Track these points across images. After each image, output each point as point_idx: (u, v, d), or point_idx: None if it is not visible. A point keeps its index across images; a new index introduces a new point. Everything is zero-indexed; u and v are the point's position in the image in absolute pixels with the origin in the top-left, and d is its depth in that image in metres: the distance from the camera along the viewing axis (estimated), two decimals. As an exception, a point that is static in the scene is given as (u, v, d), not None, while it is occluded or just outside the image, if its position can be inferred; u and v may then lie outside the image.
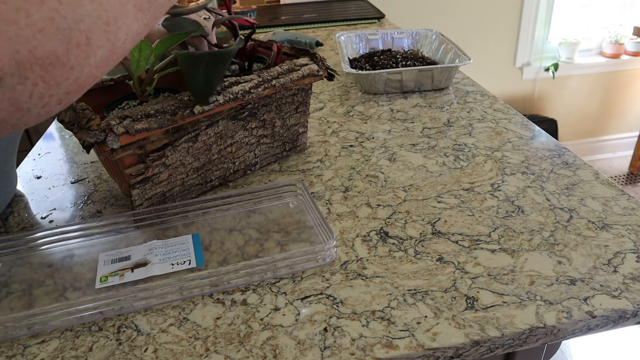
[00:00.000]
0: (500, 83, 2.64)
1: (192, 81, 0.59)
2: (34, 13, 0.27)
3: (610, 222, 0.61)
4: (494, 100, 0.98)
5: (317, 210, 0.61)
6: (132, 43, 0.34)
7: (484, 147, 0.80)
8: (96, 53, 0.31)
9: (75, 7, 0.29)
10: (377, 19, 1.69)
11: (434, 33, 1.20)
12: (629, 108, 2.85)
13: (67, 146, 0.91)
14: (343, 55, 1.11)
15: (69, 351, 0.48)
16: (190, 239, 0.61)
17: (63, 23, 0.28)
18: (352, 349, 0.46)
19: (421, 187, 0.70)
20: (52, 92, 0.30)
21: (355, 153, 0.81)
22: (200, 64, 0.59)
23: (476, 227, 0.62)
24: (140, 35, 0.35)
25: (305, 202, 0.65)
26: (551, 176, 0.72)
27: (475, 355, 0.48)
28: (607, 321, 0.49)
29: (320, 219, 0.60)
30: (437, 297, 0.51)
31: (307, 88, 0.76)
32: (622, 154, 2.93)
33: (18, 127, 0.31)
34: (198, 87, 0.59)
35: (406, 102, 0.99)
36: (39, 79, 0.28)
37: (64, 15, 0.28)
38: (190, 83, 0.59)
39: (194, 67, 0.59)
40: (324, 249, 0.55)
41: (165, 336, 0.49)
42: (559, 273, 0.54)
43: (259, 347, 0.47)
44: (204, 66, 0.59)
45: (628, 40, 2.62)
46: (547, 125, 2.69)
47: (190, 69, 0.59)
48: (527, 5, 2.44)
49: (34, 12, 0.27)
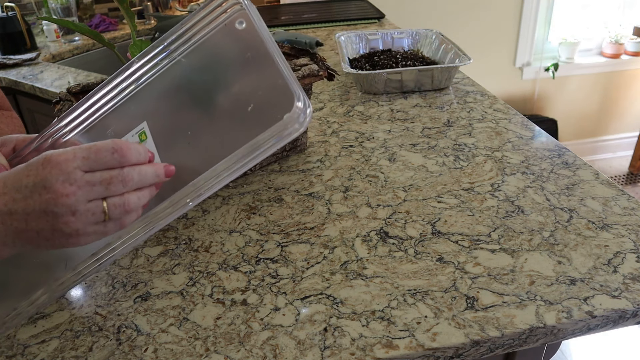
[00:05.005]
0: (500, 83, 2.64)
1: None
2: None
3: (610, 222, 0.61)
4: (494, 100, 0.98)
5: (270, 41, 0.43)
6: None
7: (484, 147, 0.80)
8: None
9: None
10: (377, 19, 1.69)
11: (434, 33, 1.20)
12: (629, 108, 2.84)
13: (67, 146, 0.91)
14: (343, 55, 1.11)
15: (69, 351, 0.48)
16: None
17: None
18: (352, 349, 0.46)
19: (421, 187, 0.70)
20: None
21: (355, 153, 0.81)
22: None
23: (476, 227, 0.62)
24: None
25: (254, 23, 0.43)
26: (551, 176, 0.72)
27: (475, 355, 0.48)
28: (607, 321, 0.49)
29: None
30: (437, 297, 0.51)
31: (307, 88, 0.76)
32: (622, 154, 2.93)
33: None
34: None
35: (406, 102, 0.99)
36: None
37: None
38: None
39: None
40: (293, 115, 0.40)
41: (165, 336, 0.49)
42: (559, 273, 0.54)
43: (259, 347, 0.47)
44: None
45: (628, 40, 2.62)
46: (547, 125, 2.69)
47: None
48: (527, 6, 2.44)
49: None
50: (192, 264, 0.58)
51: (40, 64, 1.52)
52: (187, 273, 0.57)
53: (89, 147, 0.39)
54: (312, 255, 0.58)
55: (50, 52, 1.65)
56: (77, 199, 0.38)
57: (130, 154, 0.40)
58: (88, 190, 0.38)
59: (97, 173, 0.39)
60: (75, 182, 0.37)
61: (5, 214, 0.38)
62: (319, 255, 0.58)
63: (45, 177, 0.37)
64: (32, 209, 0.37)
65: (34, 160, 0.38)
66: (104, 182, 0.39)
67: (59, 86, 1.33)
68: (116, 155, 0.39)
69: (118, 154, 0.39)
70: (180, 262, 0.58)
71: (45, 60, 1.59)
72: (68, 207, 0.37)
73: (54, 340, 0.49)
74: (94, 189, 0.38)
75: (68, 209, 0.37)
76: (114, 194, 0.39)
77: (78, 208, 0.38)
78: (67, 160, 0.38)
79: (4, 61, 1.51)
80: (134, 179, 0.40)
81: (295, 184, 0.73)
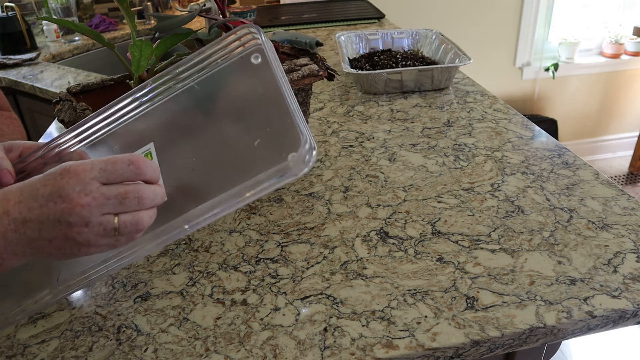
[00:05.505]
0: (500, 83, 2.64)
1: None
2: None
3: (610, 222, 0.61)
4: (494, 100, 0.98)
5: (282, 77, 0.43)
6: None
7: (484, 147, 0.80)
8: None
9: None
10: (377, 19, 1.69)
11: (434, 33, 1.20)
12: (629, 108, 2.84)
13: (67, 146, 0.91)
14: (343, 55, 1.11)
15: (69, 351, 0.48)
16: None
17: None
18: (352, 349, 0.46)
19: (421, 187, 0.70)
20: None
21: (355, 153, 0.81)
22: None
23: (476, 227, 0.62)
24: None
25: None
26: (551, 176, 0.72)
27: (475, 355, 0.48)
28: (607, 321, 0.49)
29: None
30: (437, 297, 0.51)
31: (307, 88, 0.76)
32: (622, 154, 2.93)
33: None
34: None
35: (406, 102, 0.99)
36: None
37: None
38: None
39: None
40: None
41: (165, 336, 0.49)
42: (559, 273, 0.54)
43: (259, 347, 0.47)
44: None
45: (628, 40, 2.62)
46: (547, 125, 2.69)
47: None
48: (527, 5, 2.44)
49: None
50: (192, 264, 0.58)
51: (40, 64, 1.52)
52: (187, 273, 0.57)
53: (106, 159, 0.39)
54: (312, 255, 0.58)
55: (50, 52, 1.65)
56: (91, 210, 0.38)
57: (146, 168, 0.40)
58: (103, 202, 0.38)
59: (113, 186, 0.39)
60: (91, 193, 0.38)
61: (19, 222, 0.38)
62: (319, 255, 0.58)
63: (62, 186, 0.38)
64: (47, 217, 0.38)
65: (52, 171, 0.39)
66: (119, 196, 0.39)
67: (59, 86, 1.33)
68: (132, 167, 0.39)
69: (134, 165, 0.39)
70: (180, 262, 0.58)
71: (45, 60, 1.59)
72: (82, 217, 0.38)
73: (54, 340, 0.49)
74: (109, 202, 0.38)
75: (82, 219, 0.38)
76: (128, 209, 0.39)
77: (91, 219, 0.38)
78: (85, 171, 0.38)
79: (4, 61, 1.51)
80: (149, 197, 0.40)
81: (295, 183, 0.73)
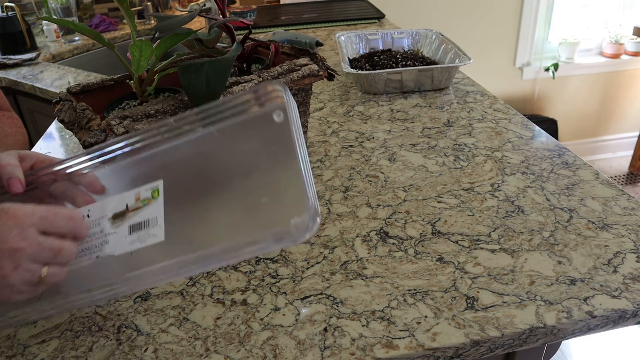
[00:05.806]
0: (500, 83, 2.63)
1: (193, 92, 0.59)
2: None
3: (610, 222, 0.61)
4: (494, 100, 0.98)
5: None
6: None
7: (484, 147, 0.80)
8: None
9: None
10: (377, 19, 1.69)
11: (434, 33, 1.20)
12: (629, 108, 2.84)
13: (67, 146, 0.91)
14: (343, 55, 1.11)
15: (69, 351, 0.48)
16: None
17: None
18: (352, 349, 0.46)
19: (421, 187, 0.70)
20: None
21: (355, 153, 0.81)
22: (200, 74, 0.59)
23: (476, 227, 0.62)
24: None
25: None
26: (551, 176, 0.72)
27: (475, 355, 0.48)
28: (607, 321, 0.49)
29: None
30: (437, 297, 0.51)
31: (307, 88, 0.76)
32: (622, 154, 2.93)
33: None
34: (200, 98, 0.59)
35: (406, 102, 0.99)
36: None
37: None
38: (191, 94, 0.59)
39: (196, 79, 0.59)
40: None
41: (165, 336, 0.49)
42: (559, 273, 0.54)
43: (259, 347, 0.47)
44: (204, 76, 0.59)
45: (628, 40, 2.62)
46: (547, 125, 2.69)
47: (190, 80, 0.59)
48: (527, 5, 2.44)
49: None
50: (192, 264, 0.58)
51: (40, 64, 1.52)
52: (187, 273, 0.57)
53: (47, 208, 0.40)
54: (312, 255, 0.58)
55: (50, 52, 1.65)
56: (23, 256, 0.38)
57: (82, 227, 0.42)
58: (36, 251, 0.38)
59: (50, 238, 0.39)
60: (28, 239, 0.38)
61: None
62: (319, 255, 0.58)
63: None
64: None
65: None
66: (54, 249, 0.39)
67: (59, 86, 1.33)
68: (71, 223, 0.40)
69: (73, 222, 0.41)
70: (180, 262, 0.58)
71: (45, 60, 1.59)
72: (14, 260, 0.38)
73: (54, 340, 0.49)
74: (42, 252, 0.39)
75: (13, 262, 0.38)
76: (58, 263, 0.40)
77: (21, 264, 0.38)
78: (25, 216, 0.38)
79: (4, 61, 1.51)
80: (74, 257, 0.41)
81: (295, 184, 0.73)
